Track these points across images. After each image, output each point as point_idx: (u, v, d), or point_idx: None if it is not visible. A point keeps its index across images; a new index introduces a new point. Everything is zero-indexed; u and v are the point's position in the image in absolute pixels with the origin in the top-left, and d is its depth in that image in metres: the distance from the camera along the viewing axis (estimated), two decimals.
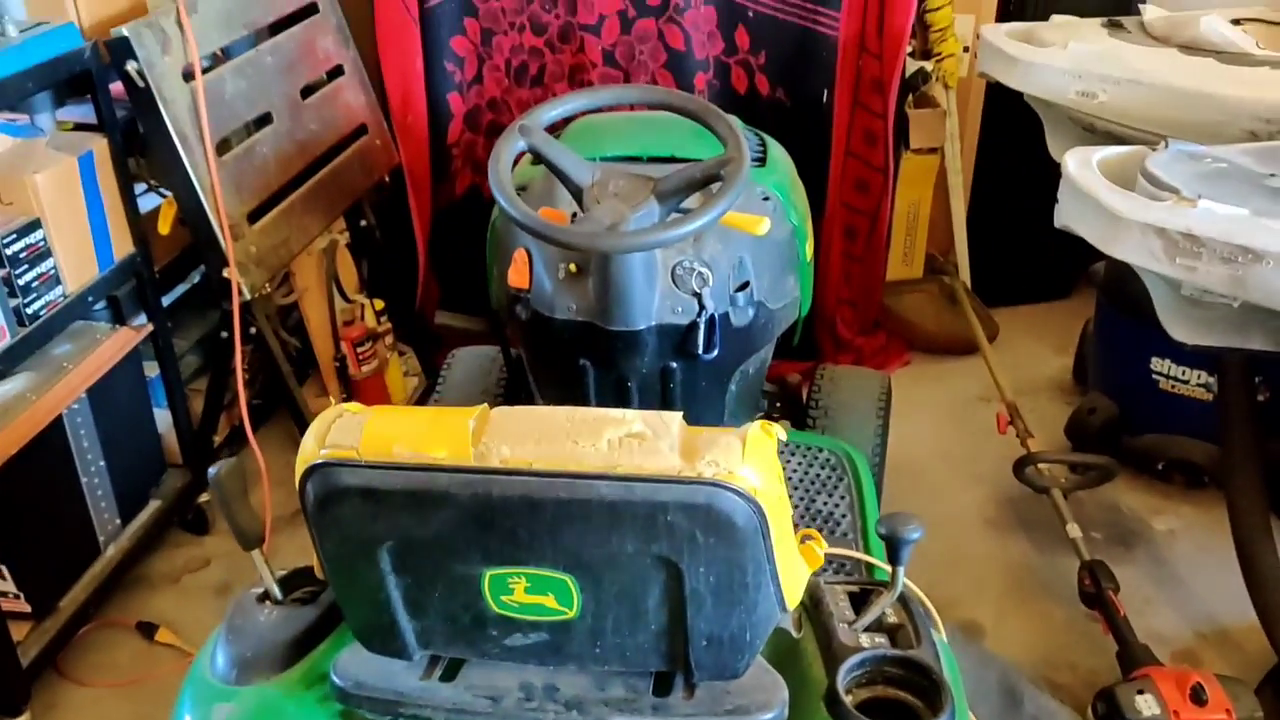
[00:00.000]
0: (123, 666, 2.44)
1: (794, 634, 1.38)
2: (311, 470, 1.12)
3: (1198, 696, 2.02)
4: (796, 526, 1.27)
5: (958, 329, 3.40)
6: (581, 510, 1.07)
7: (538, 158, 1.85)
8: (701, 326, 1.87)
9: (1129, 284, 2.67)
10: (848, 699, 1.27)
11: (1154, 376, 2.79)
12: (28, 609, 2.27)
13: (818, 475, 2.30)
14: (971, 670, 2.11)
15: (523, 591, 1.17)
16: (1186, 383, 2.74)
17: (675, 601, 1.15)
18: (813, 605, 1.43)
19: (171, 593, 2.66)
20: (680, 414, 1.12)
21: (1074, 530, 2.55)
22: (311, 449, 1.12)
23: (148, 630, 2.52)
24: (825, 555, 1.46)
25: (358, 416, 1.13)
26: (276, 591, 1.44)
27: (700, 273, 1.86)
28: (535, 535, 1.09)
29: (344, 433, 1.11)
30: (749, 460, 1.09)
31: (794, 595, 1.25)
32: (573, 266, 1.88)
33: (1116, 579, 2.40)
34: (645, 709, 1.24)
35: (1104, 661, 2.34)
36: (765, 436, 1.12)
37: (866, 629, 1.38)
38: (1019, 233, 3.54)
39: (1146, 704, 2.04)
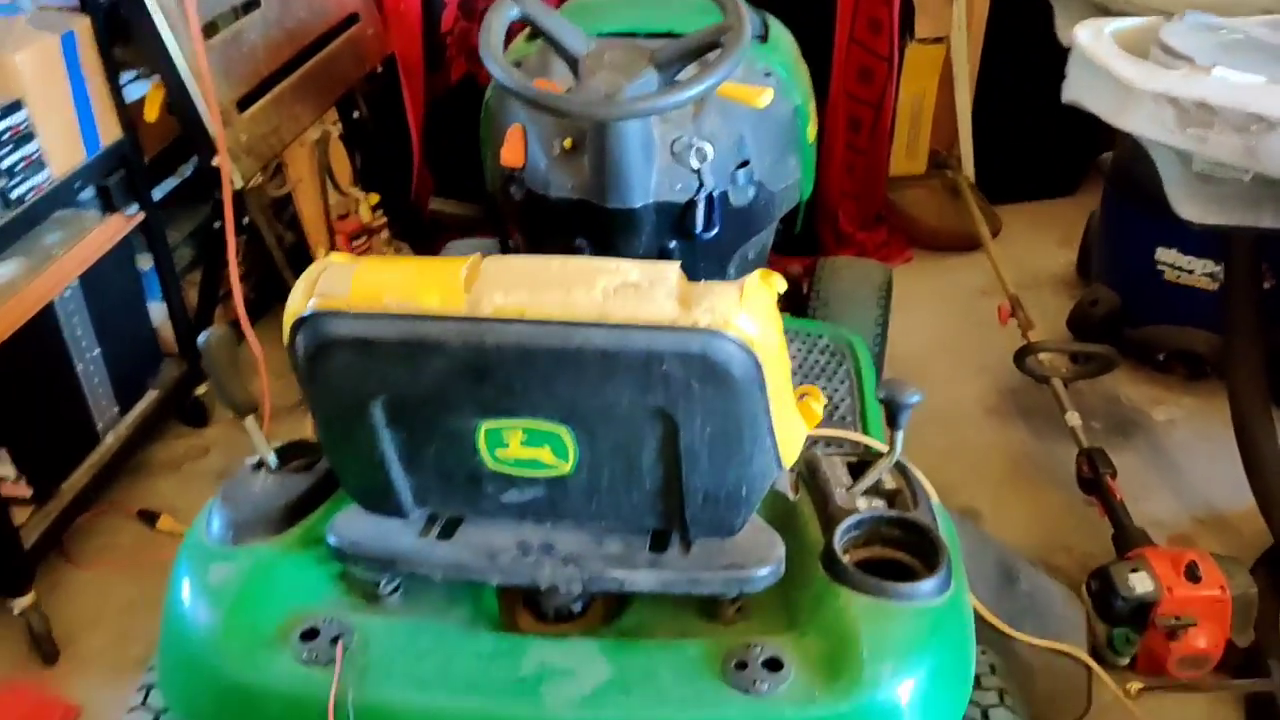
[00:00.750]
0: (125, 551, 2.47)
1: (791, 496, 1.38)
2: (300, 322, 1.10)
3: (1191, 573, 2.03)
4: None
5: (961, 225, 3.36)
6: (575, 359, 1.05)
7: (532, 28, 1.80)
8: (700, 204, 1.84)
9: (1137, 171, 2.62)
10: (845, 558, 1.28)
11: (1159, 267, 2.76)
12: (29, 493, 2.28)
13: (817, 361, 2.29)
14: (967, 549, 2.12)
15: (518, 445, 1.16)
16: (1191, 272, 2.71)
17: (671, 456, 1.15)
18: (810, 473, 1.42)
19: (172, 480, 2.67)
20: (678, 264, 1.10)
21: (1073, 418, 2.55)
22: (300, 300, 1.10)
23: (149, 518, 2.53)
24: (824, 438, 1.46)
25: (347, 266, 1.11)
26: (272, 459, 1.43)
27: (699, 149, 1.82)
28: (529, 386, 1.08)
29: (333, 282, 1.09)
30: (746, 309, 1.07)
31: (791, 452, 1.24)
32: (568, 142, 1.84)
33: (1114, 465, 2.41)
34: (641, 564, 1.24)
35: (1100, 545, 2.35)
36: (764, 286, 1.10)
37: (864, 493, 1.38)
38: (1025, 127, 3.48)
39: (1140, 581, 2.06)
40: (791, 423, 1.22)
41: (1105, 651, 2.11)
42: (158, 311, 2.73)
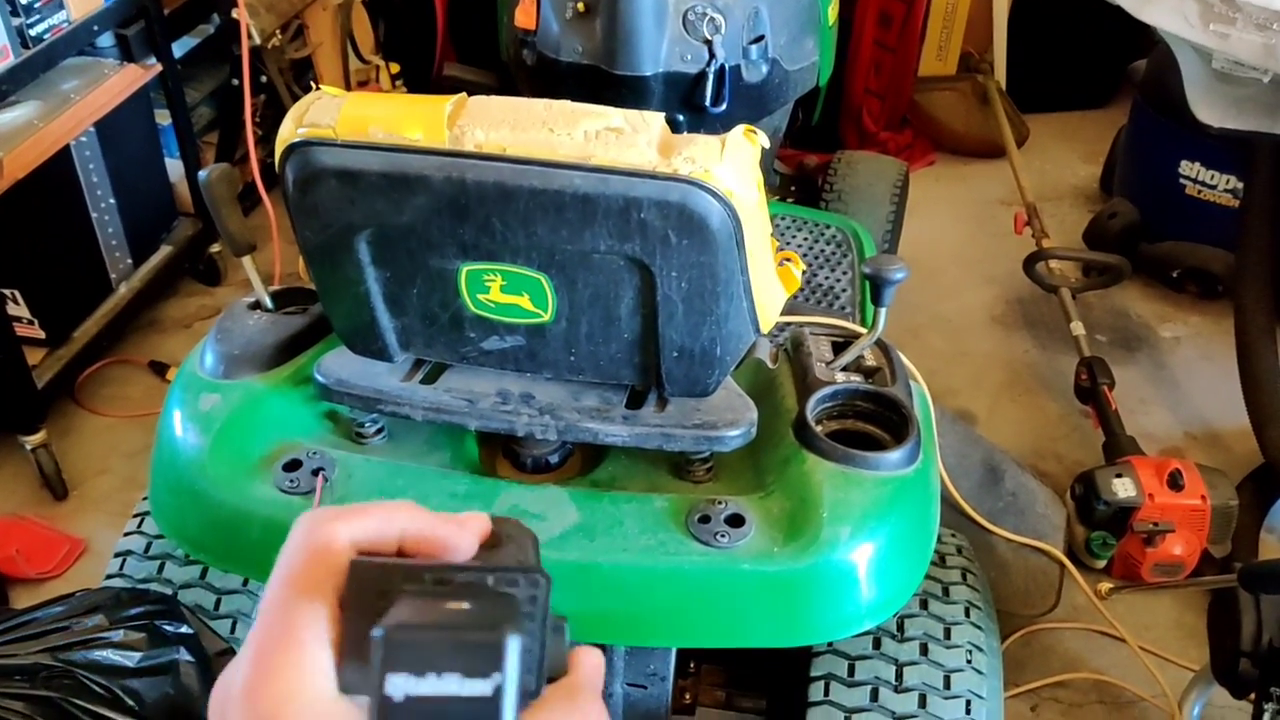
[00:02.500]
0: (135, 400, 2.53)
1: (769, 366, 1.40)
2: (289, 151, 1.11)
3: (1174, 482, 2.05)
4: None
5: (987, 131, 3.31)
6: (555, 201, 1.06)
7: None
8: (711, 76, 1.81)
9: (1167, 79, 2.57)
10: (817, 428, 1.30)
11: (1181, 181, 2.72)
12: (42, 335, 2.34)
13: (822, 250, 2.29)
14: (957, 446, 2.15)
15: (499, 290, 1.18)
16: (1214, 188, 2.67)
17: (647, 309, 1.16)
18: (793, 348, 1.43)
19: (183, 336, 2.72)
20: (663, 114, 1.10)
21: (1078, 328, 2.54)
22: (289, 129, 1.11)
23: (159, 369, 2.59)
24: (818, 324, 1.46)
25: (336, 99, 1.11)
26: (267, 299, 1.46)
27: (712, 18, 1.79)
28: (509, 226, 1.09)
29: (322, 113, 1.10)
30: (728, 161, 1.07)
31: (769, 316, 1.25)
32: (581, 5, 1.81)
33: (1113, 376, 2.41)
34: (616, 418, 1.26)
35: (1091, 455, 2.37)
36: (747, 141, 1.10)
37: (844, 369, 1.39)
38: (1061, 34, 3.39)
39: (1123, 486, 2.08)
40: (770, 285, 1.23)
41: (1082, 554, 2.15)
42: (174, 169, 2.75)
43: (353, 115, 1.08)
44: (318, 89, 1.14)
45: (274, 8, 2.53)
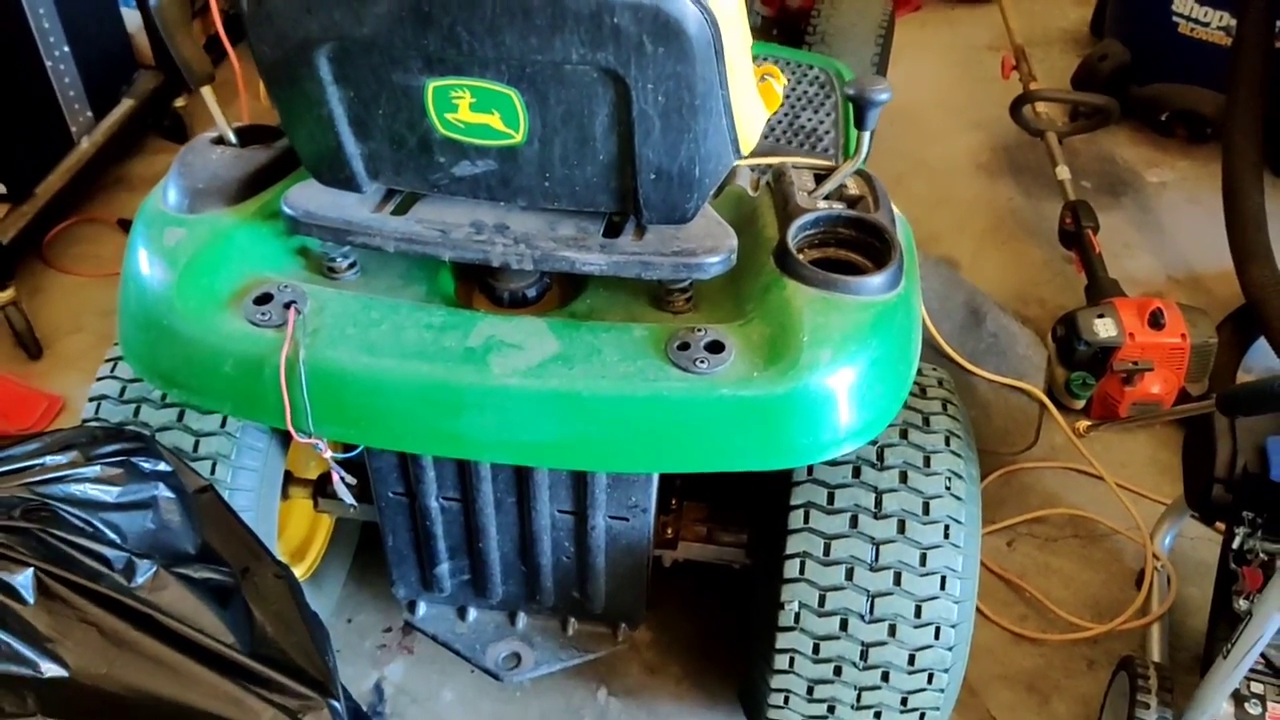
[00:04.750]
0: (105, 259, 2.48)
1: (750, 193, 1.37)
2: None
3: (1155, 320, 2.05)
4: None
5: None
6: (522, 6, 1.01)
7: None
8: None
9: None
10: (798, 256, 1.27)
11: (1174, 18, 2.64)
12: (3, 190, 2.27)
13: (805, 92, 2.23)
14: (939, 289, 2.14)
15: (467, 109, 1.13)
16: (1207, 25, 2.60)
17: (623, 126, 1.12)
18: (775, 179, 1.40)
19: None
20: None
21: (1063, 172, 2.51)
22: None
23: (129, 227, 2.52)
24: (801, 165, 1.42)
25: None
26: (229, 133, 1.40)
27: None
28: (475, 35, 1.04)
29: None
30: None
31: (749, 137, 1.21)
32: None
33: (1097, 220, 2.39)
34: (593, 247, 1.23)
35: (1074, 299, 2.37)
36: None
37: (826, 197, 1.36)
38: None
39: (1104, 326, 2.08)
40: (750, 103, 1.19)
41: (1062, 395, 2.16)
42: (132, 19, 2.64)
43: None
44: None
45: None
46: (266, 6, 1.07)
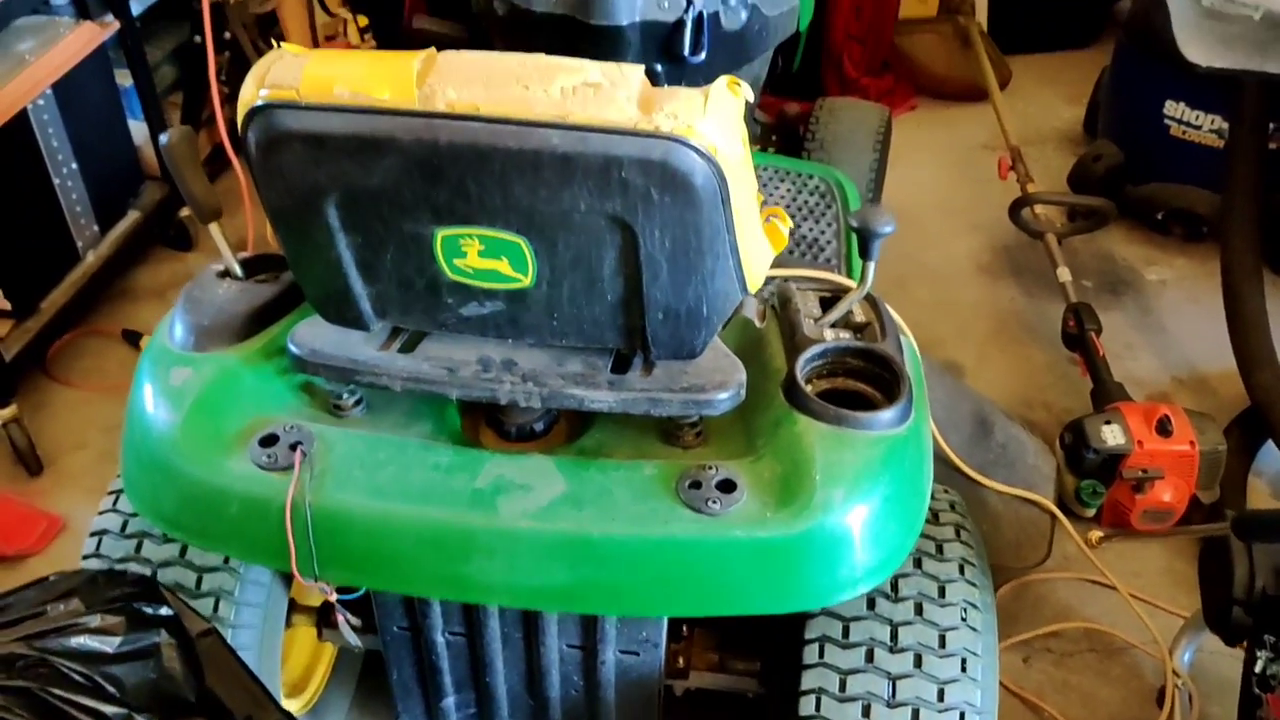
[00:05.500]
0: (109, 372, 2.48)
1: (757, 324, 1.36)
2: (252, 114, 1.06)
3: (1163, 427, 2.04)
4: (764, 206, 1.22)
5: (969, 73, 3.26)
6: (532, 161, 1.02)
7: None
8: (689, 24, 1.75)
9: (1152, 19, 2.52)
10: (807, 388, 1.27)
11: (1166, 121, 2.68)
12: (8, 307, 2.28)
13: (806, 201, 2.24)
14: (945, 400, 2.13)
15: (476, 255, 1.13)
16: (1199, 128, 2.63)
17: (631, 269, 1.12)
18: (781, 305, 1.40)
19: (156, 305, 2.66)
20: (642, 67, 1.05)
21: (1064, 274, 2.52)
22: (251, 91, 1.06)
23: (133, 338, 2.54)
24: (805, 278, 1.43)
25: (299, 58, 1.06)
26: (236, 267, 1.41)
27: None
28: (485, 189, 1.04)
29: (284, 73, 1.04)
30: (711, 116, 1.02)
31: (756, 275, 1.21)
32: None
33: (1100, 321, 2.39)
34: (602, 384, 1.22)
35: (1079, 403, 2.36)
36: (730, 93, 1.05)
37: (833, 325, 1.36)
38: None
39: (1112, 434, 2.06)
40: (756, 242, 1.19)
41: (1072, 503, 2.13)
42: (138, 131, 2.68)
43: (317, 75, 1.03)
44: (279, 46, 1.09)
45: None
46: (275, 159, 1.07)
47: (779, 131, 2.67)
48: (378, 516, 1.20)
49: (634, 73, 1.04)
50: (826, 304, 1.42)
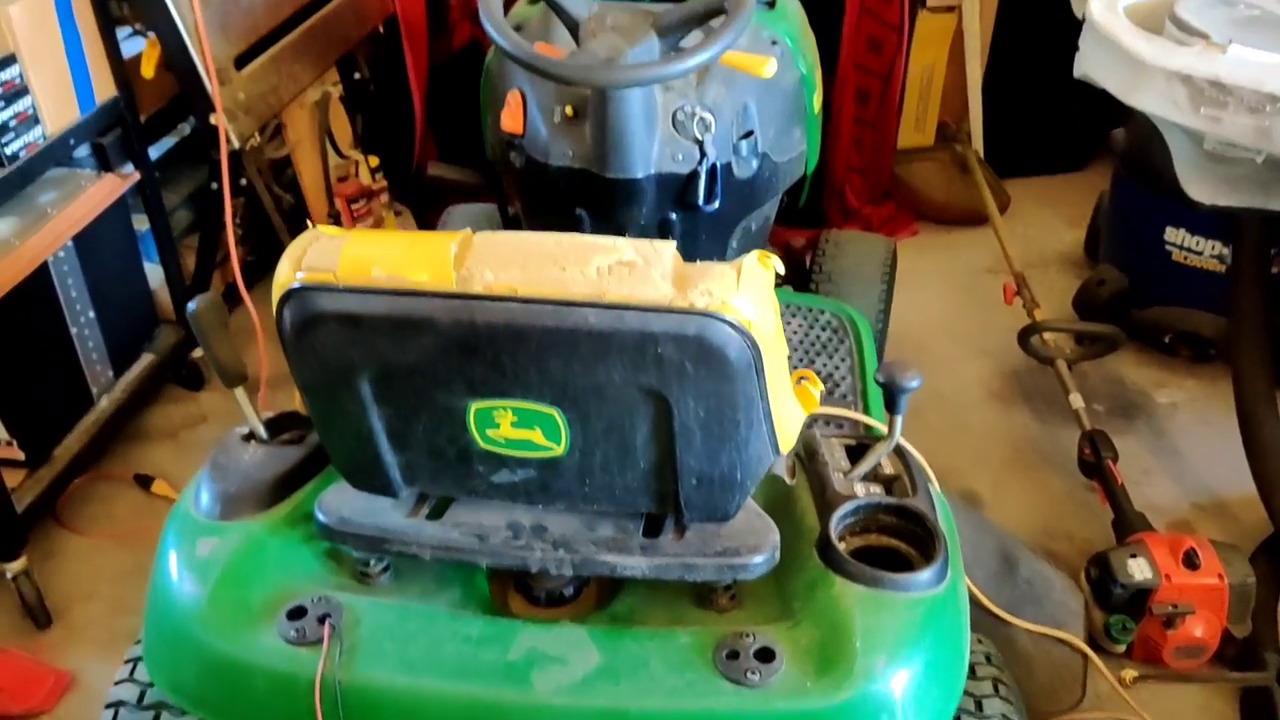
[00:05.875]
0: (120, 517, 2.45)
1: (788, 481, 1.36)
2: (288, 295, 1.07)
3: (1190, 561, 2.01)
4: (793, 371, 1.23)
5: (968, 199, 3.32)
6: (568, 339, 1.03)
7: None
8: (703, 176, 1.80)
9: (1148, 149, 2.57)
10: (840, 546, 1.26)
11: (1167, 247, 2.72)
12: (21, 456, 2.27)
13: (818, 337, 2.26)
14: (968, 536, 2.10)
15: (509, 426, 1.13)
16: (1200, 254, 2.67)
17: (665, 437, 1.12)
18: (808, 456, 1.40)
19: (168, 447, 2.65)
20: (673, 243, 1.07)
21: (1077, 400, 2.52)
22: (287, 273, 1.07)
23: (144, 482, 2.52)
24: (823, 416, 1.43)
25: (335, 239, 1.08)
26: (262, 431, 1.41)
27: (702, 118, 1.78)
28: (520, 365, 1.05)
29: (321, 255, 1.06)
30: (744, 291, 1.04)
31: (788, 437, 1.21)
32: (569, 109, 1.80)
33: (1116, 449, 2.38)
34: (634, 549, 1.21)
35: (1100, 531, 2.34)
36: (762, 267, 1.07)
37: (862, 479, 1.36)
38: (1036, 100, 3.42)
39: (1139, 567, 2.04)
40: (788, 407, 1.20)
41: (1102, 639, 2.09)
42: (154, 274, 2.70)
43: (354, 257, 1.05)
44: (313, 226, 1.11)
45: (252, 110, 2.50)
46: (310, 338, 1.08)
47: (786, 264, 2.70)
48: (410, 693, 1.17)
49: (666, 249, 1.06)
50: (853, 452, 1.42)
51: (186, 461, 2.59)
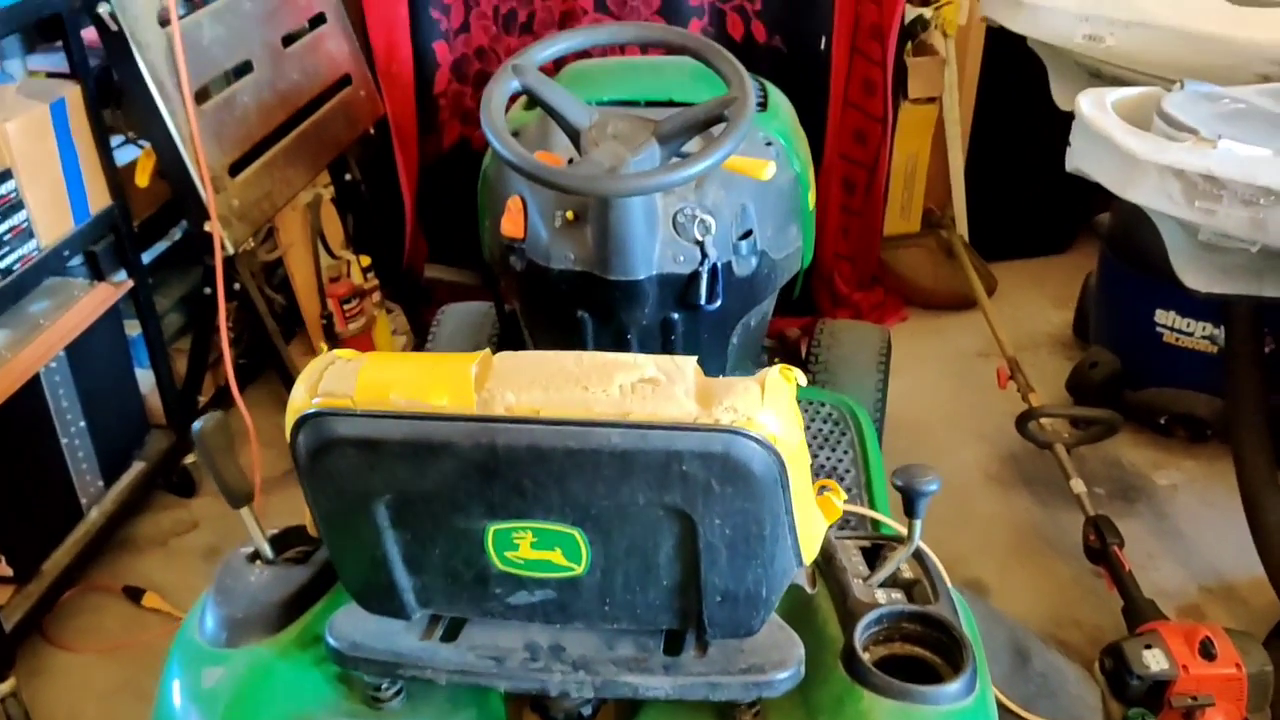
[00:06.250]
0: (110, 631, 2.39)
1: (808, 590, 1.33)
2: (303, 420, 1.05)
3: (1206, 651, 1.98)
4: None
5: (956, 284, 3.35)
6: (592, 460, 1.01)
7: (532, 98, 1.78)
8: (704, 276, 1.81)
9: (1135, 233, 2.62)
10: (865, 656, 1.23)
11: (1158, 329, 2.74)
12: (9, 573, 2.21)
13: (820, 429, 2.25)
14: (981, 630, 2.08)
15: (528, 547, 1.11)
16: (1191, 335, 2.69)
17: (689, 555, 1.10)
18: (825, 561, 1.38)
19: (158, 556, 2.60)
20: (694, 358, 1.06)
21: (1078, 485, 2.51)
22: (303, 398, 1.05)
23: (134, 594, 2.46)
24: (845, 534, 1.42)
25: (352, 363, 1.06)
26: (268, 550, 1.38)
27: (703, 220, 1.80)
28: (542, 487, 1.03)
29: (337, 380, 1.04)
30: (769, 406, 1.03)
31: (811, 549, 1.19)
32: (570, 214, 1.81)
33: (1121, 534, 2.37)
34: (656, 668, 1.18)
35: (1110, 618, 2.31)
36: (785, 381, 1.06)
37: (882, 584, 1.34)
38: (1018, 185, 3.49)
39: (1155, 659, 2.01)
40: (812, 518, 1.18)
41: None
42: (145, 380, 2.68)
43: (372, 381, 1.03)
44: (327, 350, 1.10)
45: (246, 216, 2.50)
46: (326, 464, 1.06)
47: (781, 354, 2.71)
48: None
49: (688, 365, 1.05)
50: (869, 554, 1.40)
51: (178, 571, 2.54)
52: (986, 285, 3.35)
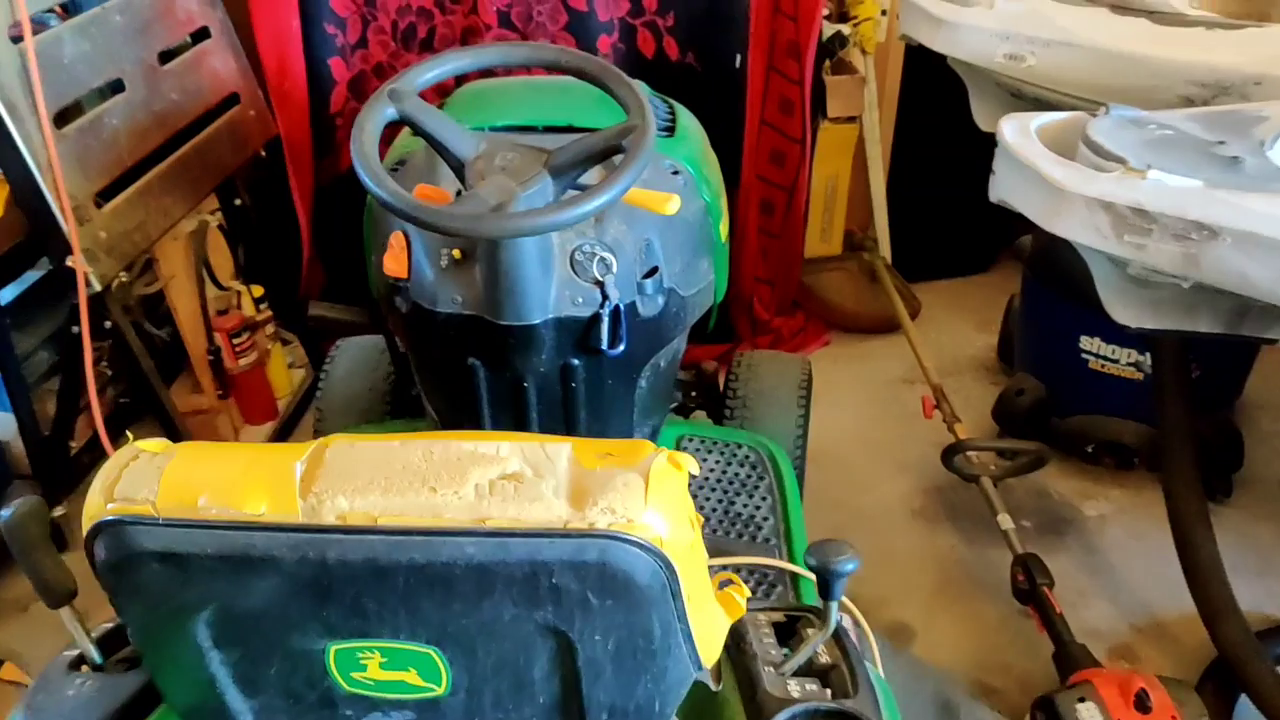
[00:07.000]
0: None
1: (713, 687, 1.19)
2: (97, 530, 0.88)
3: (1141, 703, 1.89)
4: (713, 570, 1.07)
5: (879, 307, 3.26)
6: (443, 575, 0.85)
7: (413, 128, 1.61)
8: (605, 319, 1.66)
9: (1058, 259, 2.54)
10: None
11: (1083, 356, 2.66)
12: None
13: (737, 474, 2.12)
14: (904, 684, 1.97)
15: (377, 668, 0.95)
16: (1116, 362, 2.62)
17: (568, 672, 0.95)
18: (733, 643, 1.23)
19: (20, 623, 2.37)
20: (569, 446, 0.91)
21: (1005, 521, 2.41)
22: (98, 503, 0.88)
23: None
24: (747, 565, 1.28)
25: (157, 458, 0.89)
26: (95, 655, 1.19)
27: (603, 258, 1.65)
28: (386, 607, 0.87)
29: (137, 481, 0.87)
30: (653, 503, 0.88)
31: (711, 653, 1.05)
32: (456, 253, 1.65)
33: (1050, 573, 2.27)
34: None
35: (1040, 662, 2.21)
36: (673, 470, 0.92)
37: (795, 673, 1.20)
38: (939, 205, 3.40)
39: (1089, 712, 1.91)
40: (711, 619, 1.04)
41: None
42: (7, 424, 2.45)
43: (176, 483, 0.87)
44: (130, 440, 0.92)
45: (115, 250, 2.30)
46: (128, 579, 0.89)
47: (698, 388, 2.57)
48: None
49: (561, 452, 0.90)
50: (782, 631, 1.26)
51: (40, 639, 2.32)
52: (910, 308, 3.27)
